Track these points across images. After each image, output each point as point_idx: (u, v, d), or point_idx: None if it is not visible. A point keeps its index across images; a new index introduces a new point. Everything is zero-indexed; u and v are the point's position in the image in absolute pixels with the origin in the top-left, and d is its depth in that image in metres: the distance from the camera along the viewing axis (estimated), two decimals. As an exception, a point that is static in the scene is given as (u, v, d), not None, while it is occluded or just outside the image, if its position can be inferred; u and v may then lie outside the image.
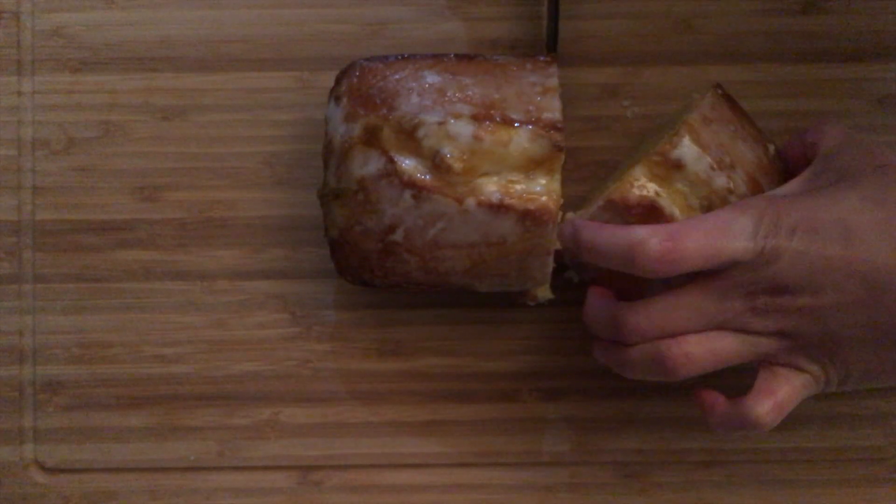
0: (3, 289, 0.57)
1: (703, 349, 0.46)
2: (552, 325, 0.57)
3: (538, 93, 0.49)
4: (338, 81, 0.51)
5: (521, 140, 0.48)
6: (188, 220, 0.57)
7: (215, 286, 0.57)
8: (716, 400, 0.49)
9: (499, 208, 0.48)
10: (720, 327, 0.46)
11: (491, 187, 0.48)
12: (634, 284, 0.49)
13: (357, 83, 0.50)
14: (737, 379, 0.49)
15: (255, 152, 0.57)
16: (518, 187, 0.48)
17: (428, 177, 0.48)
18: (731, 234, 0.45)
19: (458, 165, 0.48)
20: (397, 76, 0.50)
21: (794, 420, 0.57)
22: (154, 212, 0.57)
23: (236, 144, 0.57)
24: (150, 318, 0.57)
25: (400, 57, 0.51)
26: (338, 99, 0.51)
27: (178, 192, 0.57)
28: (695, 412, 0.57)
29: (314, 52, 0.57)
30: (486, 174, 0.48)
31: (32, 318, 0.57)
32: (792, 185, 0.48)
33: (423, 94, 0.49)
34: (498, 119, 0.48)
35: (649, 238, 0.44)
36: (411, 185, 0.48)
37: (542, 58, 0.51)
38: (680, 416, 0.57)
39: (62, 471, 0.57)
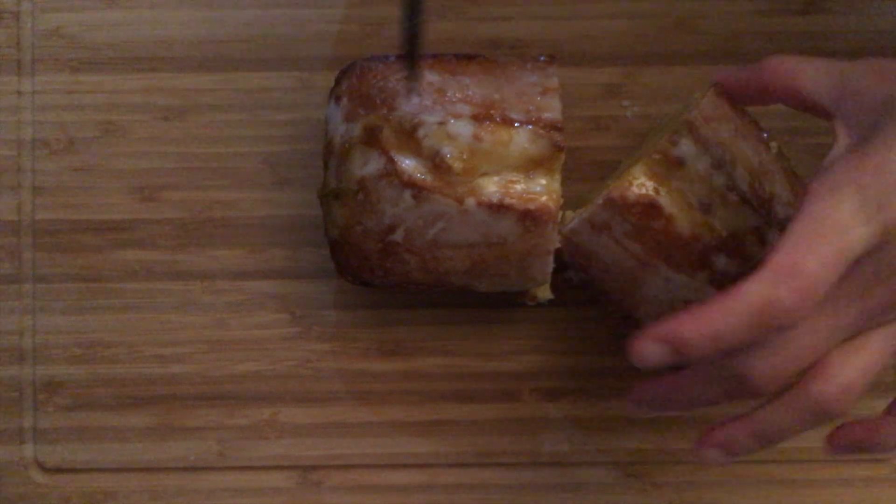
0: (3, 289, 0.57)
1: (855, 370, 0.40)
2: (552, 325, 0.57)
3: (538, 93, 0.49)
4: (338, 81, 0.51)
5: (521, 140, 0.48)
6: (188, 220, 0.57)
7: (215, 286, 0.57)
8: (870, 426, 0.42)
9: (499, 208, 0.48)
10: (859, 333, 0.40)
11: (491, 187, 0.48)
12: (632, 281, 0.49)
13: (357, 83, 0.50)
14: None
15: (255, 152, 0.57)
16: (518, 187, 0.48)
17: (428, 177, 0.48)
18: (842, 228, 0.38)
19: (458, 165, 0.48)
20: (397, 76, 0.50)
21: (794, 420, 0.57)
22: (154, 212, 0.57)
23: (236, 144, 0.57)
24: (150, 318, 0.57)
25: (400, 57, 0.51)
26: (338, 99, 0.51)
27: (178, 192, 0.57)
28: (695, 412, 0.57)
29: (314, 52, 0.57)
30: (486, 174, 0.48)
31: (32, 318, 0.57)
32: (842, 145, 0.42)
33: (423, 94, 0.49)
34: (498, 119, 0.48)
35: (776, 291, 0.37)
36: (411, 185, 0.48)
37: (542, 58, 0.51)
38: (680, 416, 0.57)
39: (62, 471, 0.57)
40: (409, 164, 0.48)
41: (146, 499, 0.57)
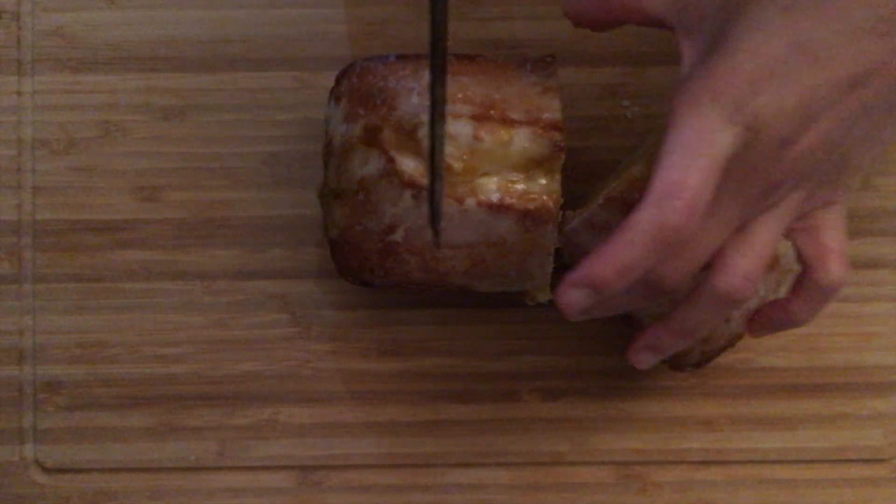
0: (3, 289, 0.57)
1: (751, 257, 0.43)
2: (552, 325, 0.57)
3: (538, 93, 0.49)
4: (338, 81, 0.51)
5: (521, 140, 0.48)
6: (188, 220, 0.57)
7: (215, 286, 0.57)
8: (771, 309, 0.46)
9: (499, 208, 0.48)
10: (744, 223, 0.43)
11: (491, 187, 0.48)
12: None
13: (357, 83, 0.50)
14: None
15: (255, 152, 0.57)
16: (518, 187, 0.48)
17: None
18: (709, 137, 0.41)
19: (458, 165, 0.48)
20: (397, 76, 0.50)
21: (793, 420, 0.57)
22: (154, 212, 0.57)
23: (236, 144, 0.57)
24: (150, 318, 0.57)
25: (400, 57, 0.51)
26: (338, 99, 0.51)
27: (178, 192, 0.57)
28: (695, 412, 0.57)
29: (314, 52, 0.57)
30: (486, 174, 0.48)
31: (32, 318, 0.57)
32: (689, 58, 0.44)
33: (423, 94, 0.49)
34: (498, 119, 0.48)
35: (663, 213, 0.40)
36: (411, 185, 0.48)
37: (542, 58, 0.51)
38: (680, 416, 0.57)
39: (62, 471, 0.57)
40: (409, 164, 0.48)
41: (146, 499, 0.57)
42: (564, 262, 0.53)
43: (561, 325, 0.57)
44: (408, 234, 0.49)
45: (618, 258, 0.41)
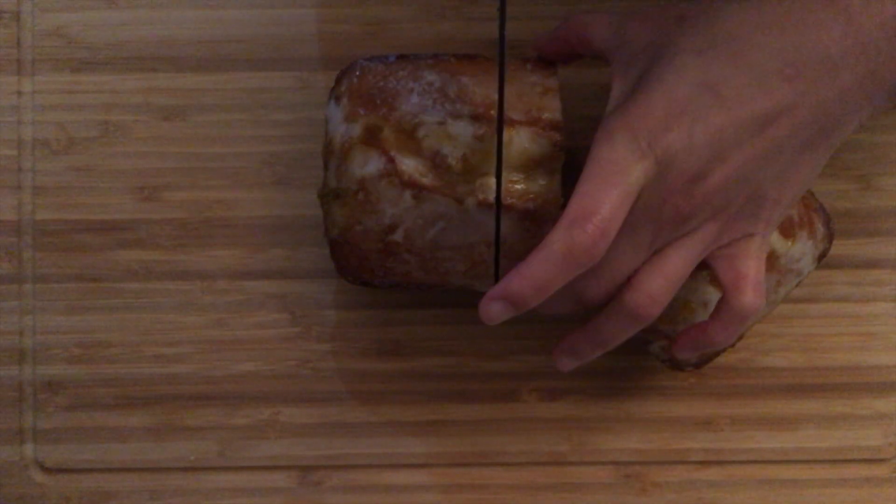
0: (3, 289, 0.57)
1: (660, 279, 0.46)
2: (552, 325, 0.57)
3: (538, 93, 0.49)
4: (338, 81, 0.51)
5: (522, 140, 0.48)
6: (188, 220, 0.57)
7: (215, 286, 0.57)
8: (693, 331, 0.48)
9: (499, 208, 0.48)
10: (660, 248, 0.46)
11: (491, 187, 0.48)
12: None
13: (357, 83, 0.50)
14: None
15: (255, 152, 0.57)
16: (518, 187, 0.48)
17: (428, 177, 0.48)
18: (622, 168, 0.43)
19: (458, 165, 0.48)
20: (397, 76, 0.50)
21: (794, 420, 0.57)
22: (154, 212, 0.57)
23: (236, 144, 0.57)
24: (150, 318, 0.57)
25: (400, 57, 0.51)
26: (338, 99, 0.51)
27: (178, 192, 0.57)
28: (695, 412, 0.57)
29: (314, 52, 0.57)
30: (486, 174, 0.48)
31: (32, 318, 0.57)
32: (617, 93, 0.47)
33: (423, 94, 0.49)
34: (498, 119, 0.48)
35: (574, 237, 0.43)
36: (411, 185, 0.48)
37: (541, 57, 0.51)
38: (680, 416, 0.57)
39: (62, 471, 0.57)
40: (409, 164, 0.48)
41: (146, 499, 0.57)
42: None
43: (561, 325, 0.57)
44: (408, 234, 0.49)
45: (533, 276, 0.44)
